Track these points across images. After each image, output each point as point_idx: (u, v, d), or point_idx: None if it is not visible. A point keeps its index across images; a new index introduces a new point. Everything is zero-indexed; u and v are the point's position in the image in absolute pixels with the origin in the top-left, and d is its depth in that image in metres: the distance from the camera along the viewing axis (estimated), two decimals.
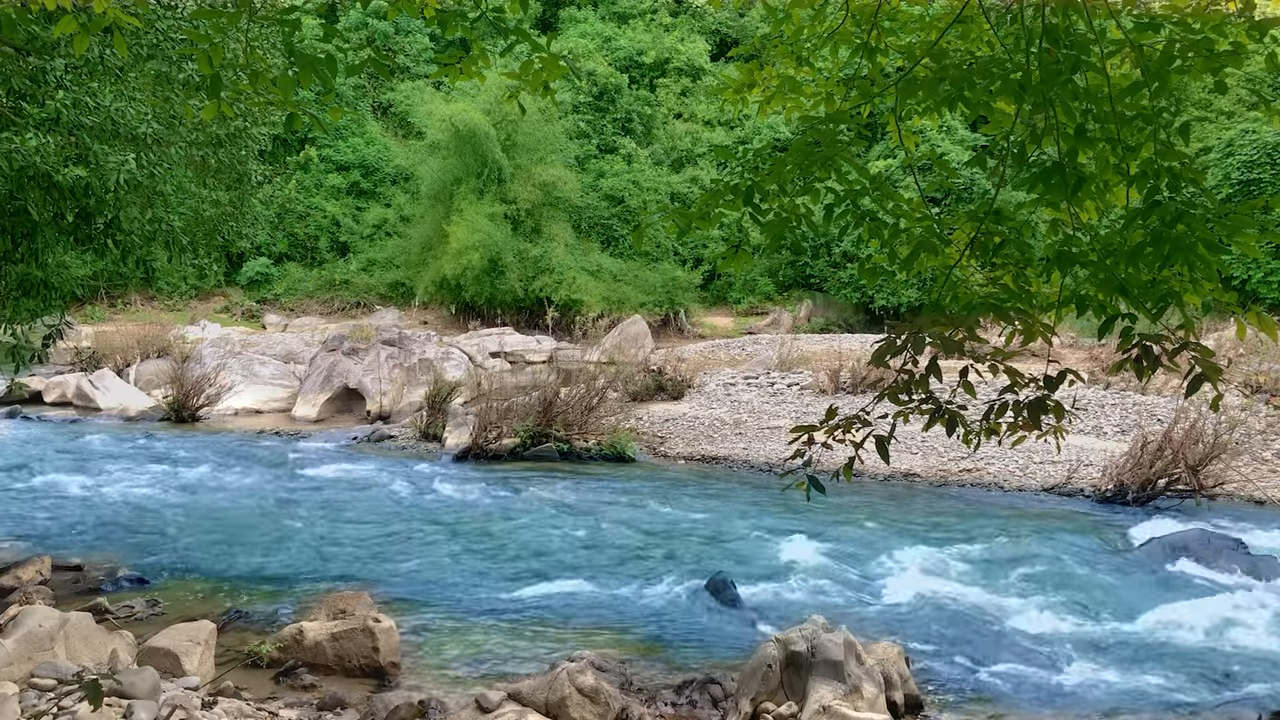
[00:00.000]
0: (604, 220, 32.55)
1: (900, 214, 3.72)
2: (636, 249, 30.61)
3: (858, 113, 3.89)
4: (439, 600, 9.05)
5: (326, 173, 34.26)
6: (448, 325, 30.32)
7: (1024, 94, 3.28)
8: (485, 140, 29.63)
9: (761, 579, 9.69)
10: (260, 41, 7.15)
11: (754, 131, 32.62)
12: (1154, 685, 7.37)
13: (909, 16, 4.19)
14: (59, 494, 12.70)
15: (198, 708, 5.98)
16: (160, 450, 15.76)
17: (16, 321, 8.41)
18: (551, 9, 38.13)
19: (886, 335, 3.48)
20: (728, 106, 19.29)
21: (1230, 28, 3.41)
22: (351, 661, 7.28)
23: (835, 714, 6.00)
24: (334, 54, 3.48)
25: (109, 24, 3.38)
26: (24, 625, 6.26)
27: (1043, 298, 3.66)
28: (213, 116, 3.62)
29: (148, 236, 8.57)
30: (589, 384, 16.48)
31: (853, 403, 16.24)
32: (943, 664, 7.71)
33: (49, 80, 7.11)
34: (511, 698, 6.35)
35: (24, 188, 6.86)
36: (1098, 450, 14.56)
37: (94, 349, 22.79)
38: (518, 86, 4.10)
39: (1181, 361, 3.07)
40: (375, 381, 19.57)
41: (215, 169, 9.07)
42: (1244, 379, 17.25)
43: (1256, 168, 24.71)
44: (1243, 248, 3.12)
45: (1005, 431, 3.62)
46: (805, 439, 3.68)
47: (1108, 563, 10.29)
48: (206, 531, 11.10)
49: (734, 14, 36.23)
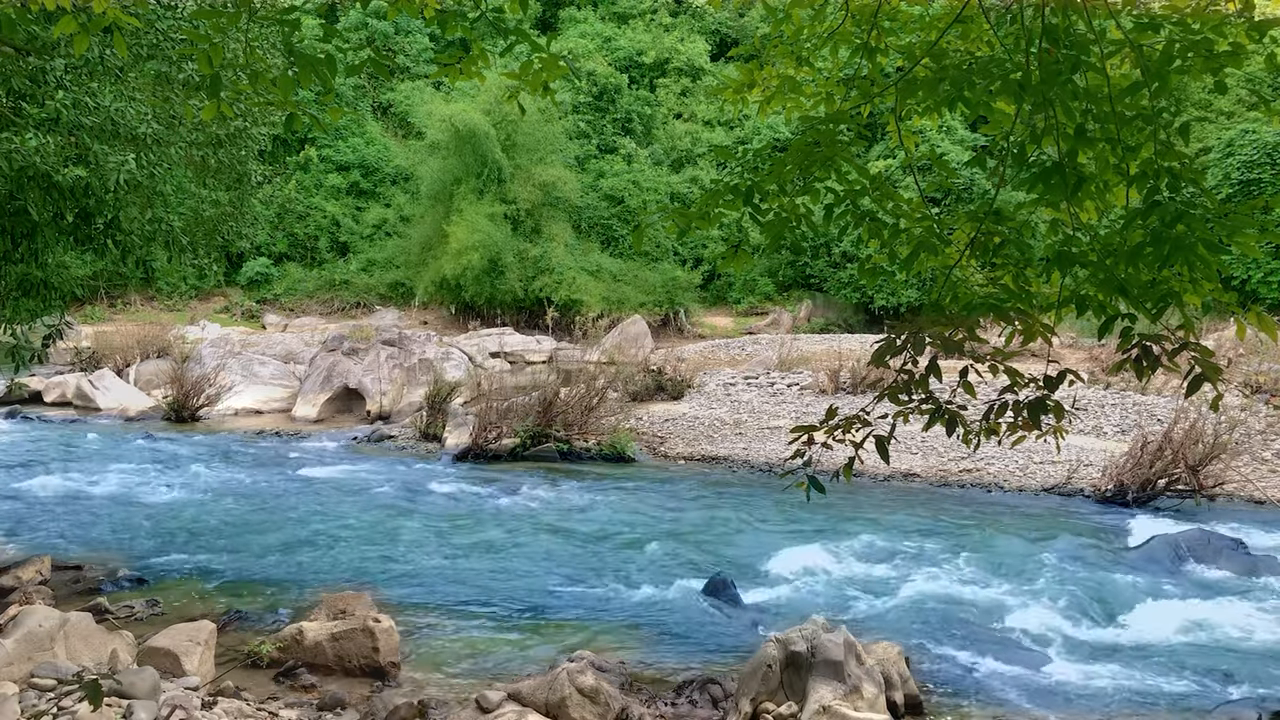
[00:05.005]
0: (604, 220, 32.55)
1: (900, 214, 3.72)
2: (636, 249, 30.59)
3: (858, 113, 3.88)
4: (439, 600, 9.05)
5: (326, 173, 34.26)
6: (448, 325, 30.31)
7: (1024, 94, 3.28)
8: (485, 140, 29.63)
9: (761, 579, 9.69)
10: (260, 41, 7.13)
11: (754, 131, 32.61)
12: (1154, 685, 7.37)
13: (909, 16, 4.19)
14: (59, 494, 12.70)
15: (198, 708, 5.97)
16: (160, 450, 15.76)
17: (16, 321, 8.41)
18: (551, 9, 38.12)
19: (886, 335, 3.48)
20: (728, 106, 19.28)
21: (1230, 28, 3.41)
22: (351, 661, 7.28)
23: (835, 714, 5.99)
24: (334, 54, 3.47)
25: (109, 24, 3.37)
26: (24, 625, 6.26)
27: (1043, 298, 3.66)
28: (213, 116, 3.62)
29: (148, 236, 8.57)
30: (589, 384, 16.48)
31: (853, 403, 16.24)
32: (943, 664, 7.71)
33: (49, 80, 7.11)
34: (511, 698, 6.34)
35: (24, 188, 6.86)
36: (1098, 450, 14.56)
37: (94, 349, 22.80)
38: (517, 87, 4.10)
39: (1181, 361, 3.07)
40: (375, 381, 19.57)
41: (215, 169, 9.07)
42: (1244, 379, 17.25)
43: (1256, 168, 24.71)
44: (1243, 248, 3.12)
45: (1005, 431, 3.61)
46: (805, 439, 3.68)
47: (1107, 563, 10.28)
48: (206, 531, 11.10)
49: (734, 14, 36.21)
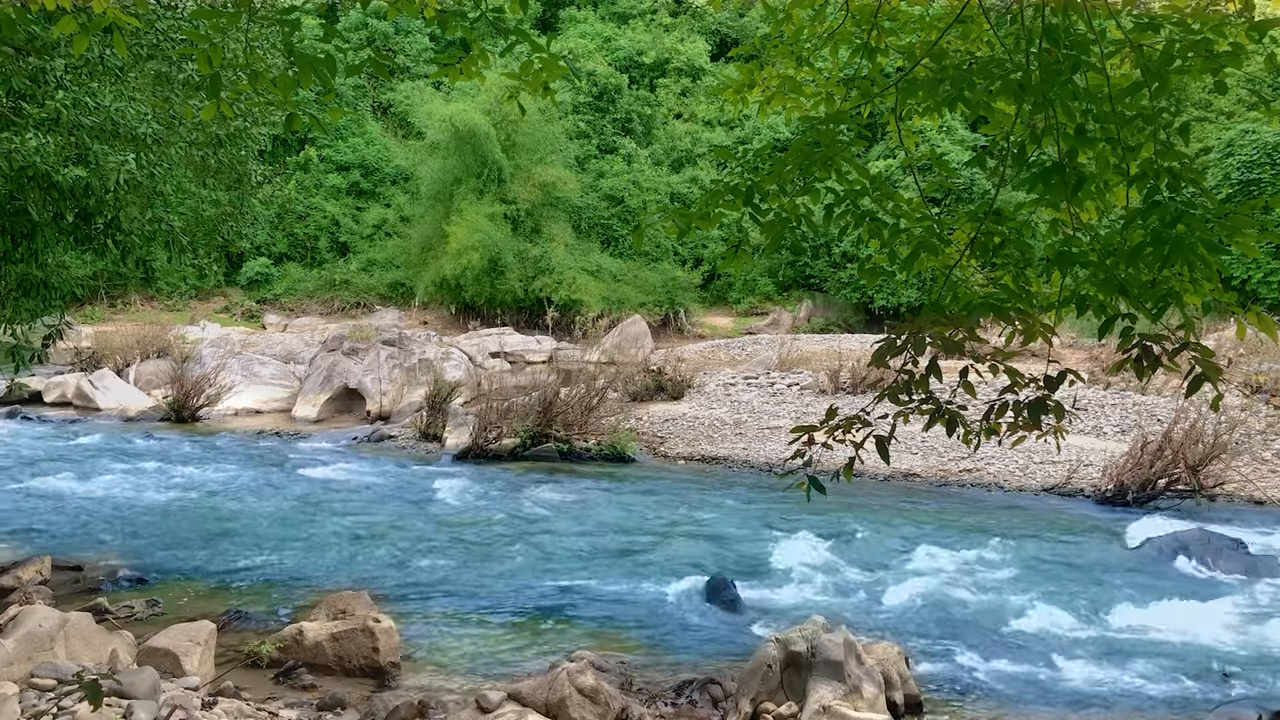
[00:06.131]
0: (604, 220, 32.55)
1: (900, 214, 3.72)
2: (636, 249, 30.60)
3: (858, 113, 3.88)
4: (439, 600, 9.05)
5: (326, 173, 34.27)
6: (448, 325, 30.32)
7: (1024, 94, 3.28)
8: (485, 140, 29.63)
9: (761, 579, 9.69)
10: (260, 41, 7.14)
11: (754, 131, 32.61)
12: (1154, 685, 7.38)
13: (909, 16, 4.19)
14: (59, 494, 12.69)
15: (198, 708, 5.97)
16: (160, 450, 15.76)
17: (16, 321, 8.40)
18: (551, 9, 38.13)
19: (886, 335, 3.48)
20: (728, 106, 19.26)
21: (1230, 28, 3.41)
22: (351, 661, 7.28)
23: (835, 714, 5.99)
24: (334, 54, 3.47)
25: (109, 24, 3.37)
26: (24, 625, 6.26)
27: (1043, 298, 3.65)
28: (212, 116, 3.62)
29: (148, 236, 8.57)
30: (589, 384, 16.48)
31: (853, 403, 16.24)
32: (943, 664, 7.71)
33: (49, 80, 7.11)
34: (511, 698, 6.34)
35: (24, 188, 6.86)
36: (1098, 450, 14.56)
37: (94, 349, 22.80)
38: (517, 87, 4.09)
39: (1181, 361, 3.07)
40: (375, 381, 19.57)
41: (215, 169, 9.07)
42: (1244, 379, 17.25)
43: (1256, 168, 24.72)
44: (1243, 248, 3.12)
45: (1005, 431, 3.61)
46: (805, 439, 3.68)
47: (1107, 563, 10.29)
48: (206, 531, 11.10)
49: (734, 14, 36.20)
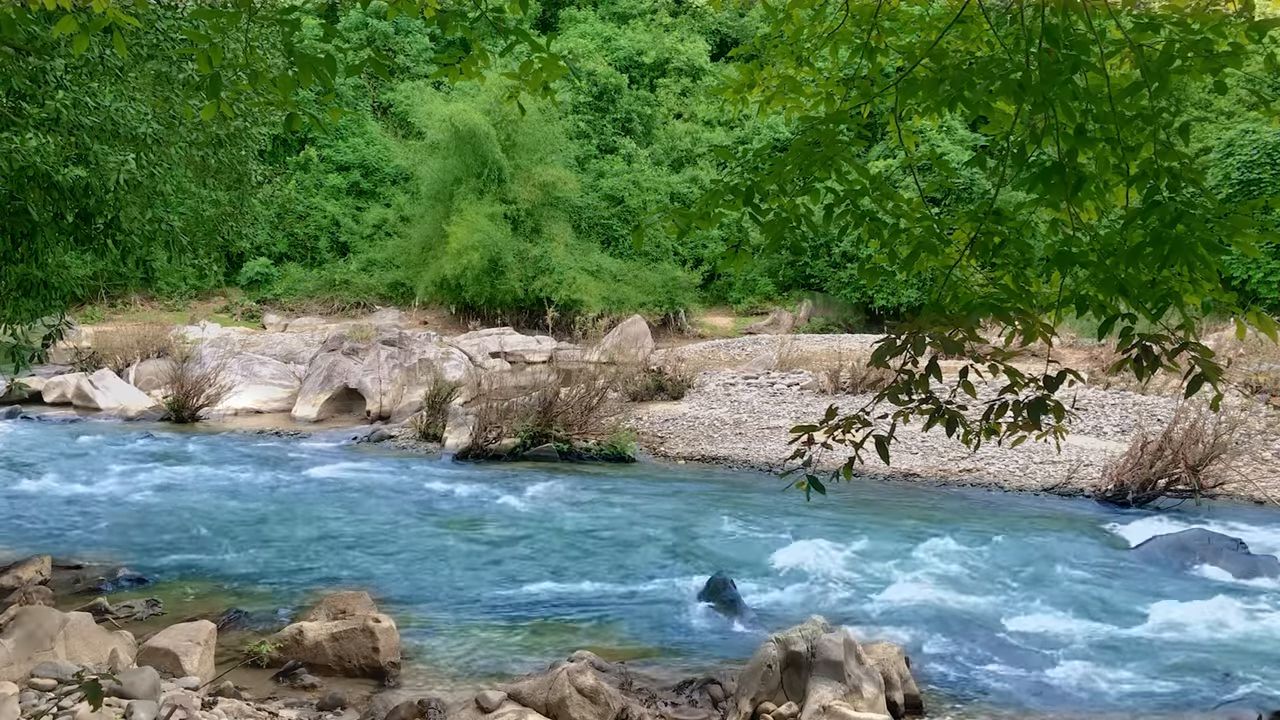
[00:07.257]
0: (604, 220, 32.55)
1: (900, 214, 3.72)
2: (636, 249, 30.59)
3: (858, 113, 3.88)
4: (439, 600, 9.05)
5: (326, 173, 34.26)
6: (448, 325, 30.31)
7: (1024, 94, 3.28)
8: (485, 140, 29.63)
9: (761, 579, 9.69)
10: (260, 41, 7.14)
11: (754, 131, 32.61)
12: (1154, 685, 7.37)
13: (909, 16, 4.19)
14: (59, 494, 12.70)
15: (198, 708, 5.97)
16: (160, 450, 15.76)
17: (16, 321, 8.40)
18: (551, 9, 38.12)
19: (886, 335, 3.48)
20: (728, 106, 19.28)
21: (1230, 28, 3.41)
22: (351, 661, 7.28)
23: (835, 714, 5.99)
24: (334, 54, 3.47)
25: (109, 24, 3.37)
26: (24, 625, 6.26)
27: (1043, 298, 3.65)
28: (212, 116, 3.62)
29: (148, 236, 8.56)
30: (589, 384, 16.49)
31: (853, 403, 16.23)
32: (943, 664, 7.71)
33: (49, 80, 7.11)
34: (511, 698, 6.34)
35: (24, 188, 6.85)
36: (1098, 450, 14.56)
37: (94, 349, 22.79)
38: (517, 86, 4.10)
39: (1181, 361, 3.07)
40: (375, 381, 19.57)
41: (215, 169, 9.07)
42: (1244, 379, 17.25)
43: (1256, 168, 24.72)
44: (1243, 248, 3.11)
45: (1005, 431, 3.61)
46: (805, 439, 3.68)
47: (1107, 563, 10.29)
48: (206, 531, 11.10)
49: (734, 14, 36.20)
